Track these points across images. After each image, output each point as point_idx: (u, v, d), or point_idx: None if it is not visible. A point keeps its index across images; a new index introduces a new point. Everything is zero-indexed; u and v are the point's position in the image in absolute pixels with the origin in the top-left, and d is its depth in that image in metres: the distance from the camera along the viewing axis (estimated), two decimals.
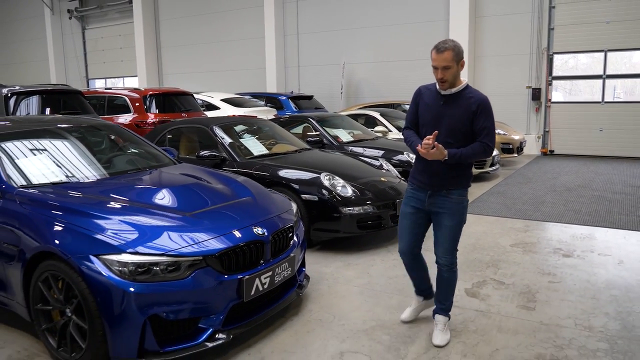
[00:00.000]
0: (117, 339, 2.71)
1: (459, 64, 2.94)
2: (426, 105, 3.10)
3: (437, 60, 2.92)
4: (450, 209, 3.05)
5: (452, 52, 2.90)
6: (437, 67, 2.93)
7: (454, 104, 2.99)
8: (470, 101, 2.97)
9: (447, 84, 2.96)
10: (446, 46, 2.91)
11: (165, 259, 2.77)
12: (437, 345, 3.07)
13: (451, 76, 2.94)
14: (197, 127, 6.09)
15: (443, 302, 3.21)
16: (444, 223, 3.06)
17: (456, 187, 3.05)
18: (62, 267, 2.81)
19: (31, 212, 3.10)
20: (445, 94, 3.01)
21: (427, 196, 3.09)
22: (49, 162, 3.74)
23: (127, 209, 3.13)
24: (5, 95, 7.58)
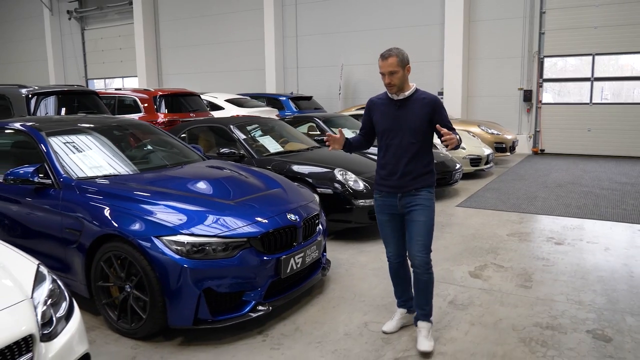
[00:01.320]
0: (175, 309, 3.14)
1: (404, 69, 3.07)
2: (382, 113, 3.19)
3: (383, 67, 3.07)
4: (421, 204, 3.13)
5: (396, 58, 3.05)
6: (384, 73, 3.07)
7: (410, 106, 3.11)
8: (424, 102, 3.11)
9: (395, 88, 3.09)
10: (390, 53, 3.06)
11: (216, 240, 3.21)
12: (423, 352, 3.08)
13: (398, 80, 3.06)
14: (215, 126, 6.52)
15: (423, 307, 3.22)
16: (417, 219, 3.12)
17: (423, 185, 3.15)
18: (126, 247, 3.23)
19: (91, 200, 3.52)
20: (399, 99, 3.13)
21: (397, 199, 3.17)
22: (99, 157, 4.16)
23: (178, 197, 3.55)
24: (26, 95, 7.94)
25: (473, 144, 9.71)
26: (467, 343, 3.23)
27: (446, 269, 4.58)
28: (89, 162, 4.07)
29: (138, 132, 4.88)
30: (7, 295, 2.17)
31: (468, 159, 9.25)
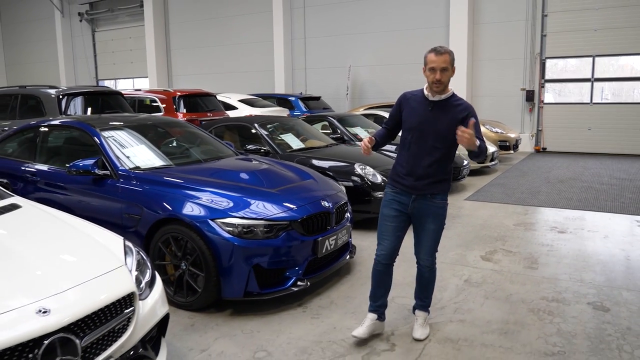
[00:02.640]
0: (228, 283, 3.60)
1: (452, 69, 3.02)
2: (412, 110, 3.12)
3: (436, 62, 2.95)
4: (434, 212, 3.13)
5: (449, 56, 2.98)
6: (436, 69, 2.95)
7: (442, 110, 3.04)
8: (458, 108, 3.04)
9: (442, 86, 3.00)
10: (445, 49, 2.99)
11: (262, 222, 3.66)
12: (416, 339, 3.21)
13: (447, 79, 2.99)
14: (241, 124, 6.98)
15: (423, 299, 3.34)
16: (428, 227, 3.14)
17: (439, 191, 3.13)
18: (184, 229, 3.68)
19: (149, 189, 3.98)
20: (433, 100, 3.06)
21: (411, 200, 3.14)
22: (146, 151, 4.62)
23: (225, 186, 4.01)
24: (57, 96, 8.41)
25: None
26: (483, 313, 3.69)
27: (460, 254, 5.03)
28: (139, 155, 4.53)
29: (178, 129, 5.34)
30: (107, 261, 2.62)
31: None
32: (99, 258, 2.64)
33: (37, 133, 5.06)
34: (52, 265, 2.45)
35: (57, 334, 2.08)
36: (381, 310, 3.36)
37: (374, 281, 3.33)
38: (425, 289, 3.32)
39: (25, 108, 8.72)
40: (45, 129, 5.05)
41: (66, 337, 2.11)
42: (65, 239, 2.82)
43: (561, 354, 3.10)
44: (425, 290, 3.33)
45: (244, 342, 3.30)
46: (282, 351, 3.18)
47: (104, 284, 2.43)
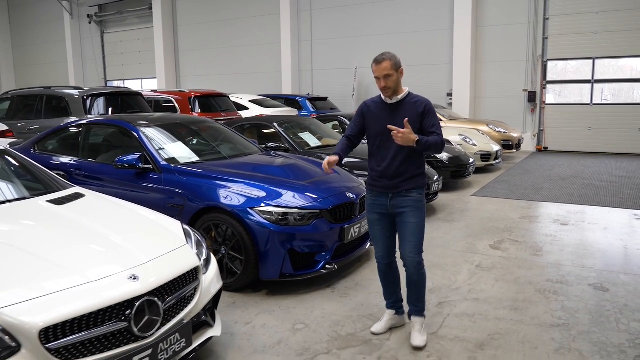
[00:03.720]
0: (266, 265, 4.00)
1: (398, 72, 3.14)
2: (374, 116, 3.24)
3: (377, 71, 3.13)
4: (412, 206, 3.20)
5: (390, 62, 3.11)
6: (379, 77, 3.13)
7: (401, 110, 3.17)
8: (416, 105, 3.18)
9: (390, 91, 3.15)
10: (384, 57, 3.14)
11: (296, 210, 4.06)
12: (415, 347, 3.19)
13: (393, 83, 3.13)
14: (261, 123, 7.38)
15: (416, 303, 3.32)
16: (408, 220, 3.20)
17: (415, 187, 3.22)
18: (224, 217, 4.09)
19: (190, 181, 4.39)
20: (391, 102, 3.20)
21: (389, 200, 3.24)
22: (182, 147, 5.03)
23: (260, 179, 4.41)
24: (82, 97, 8.81)
25: (483, 141, 10.56)
26: (495, 292, 4.09)
27: (470, 243, 5.43)
28: (176, 151, 4.94)
29: (208, 128, 5.75)
30: (172, 241, 3.03)
31: (479, 155, 10.09)
32: (164, 238, 3.05)
33: (79, 131, 5.46)
34: (129, 243, 2.85)
35: (145, 297, 2.48)
36: (398, 305, 3.48)
37: (382, 281, 3.48)
38: (416, 291, 3.29)
39: (51, 108, 9.13)
40: (88, 126, 5.46)
41: (152, 300, 2.51)
42: (132, 222, 3.23)
43: (565, 325, 3.50)
44: (417, 293, 3.30)
45: (282, 316, 3.70)
46: (317, 323, 3.58)
47: (174, 259, 2.84)
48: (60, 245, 2.71)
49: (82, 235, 2.88)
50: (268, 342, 3.32)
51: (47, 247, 2.65)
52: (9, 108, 9.73)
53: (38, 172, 3.87)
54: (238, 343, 3.32)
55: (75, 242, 2.78)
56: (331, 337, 3.38)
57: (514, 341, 3.30)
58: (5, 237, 2.72)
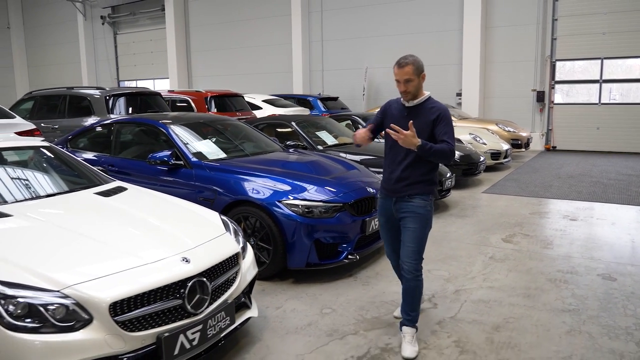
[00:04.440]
0: (293, 255, 4.26)
1: (419, 77, 3.10)
2: (392, 116, 3.24)
3: (399, 75, 3.10)
4: (414, 212, 3.15)
5: (412, 67, 3.07)
6: (400, 81, 3.10)
7: (417, 114, 3.14)
8: (431, 111, 3.13)
9: (409, 95, 3.14)
10: (407, 61, 3.09)
11: (321, 204, 4.32)
12: (405, 358, 3.12)
13: (413, 88, 3.10)
14: (279, 122, 7.65)
15: (409, 312, 3.23)
16: (408, 225, 3.16)
17: (419, 192, 3.17)
18: (254, 210, 4.36)
19: (221, 176, 4.66)
20: (408, 105, 3.19)
21: (392, 203, 3.24)
22: (210, 144, 5.30)
23: (286, 174, 4.68)
24: (105, 97, 9.12)
25: (493, 140, 10.78)
26: (508, 281, 4.34)
27: (483, 237, 5.68)
28: (205, 148, 5.21)
29: (232, 126, 6.02)
30: (213, 229, 3.30)
31: (489, 153, 10.32)
32: (206, 226, 3.33)
33: (111, 129, 5.75)
34: (176, 230, 3.14)
35: (196, 278, 2.75)
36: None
37: (397, 274, 3.55)
38: (410, 300, 3.21)
39: (74, 108, 9.43)
40: (119, 125, 5.75)
41: (201, 280, 2.78)
42: (174, 212, 3.51)
43: (576, 310, 3.75)
44: (411, 302, 3.21)
45: (310, 302, 3.97)
46: (343, 308, 3.84)
47: (218, 245, 3.11)
48: (116, 232, 2.99)
49: (133, 223, 3.16)
50: (299, 324, 3.59)
51: (105, 233, 2.93)
52: (33, 108, 10.05)
53: (81, 167, 4.15)
54: (271, 325, 3.59)
55: (128, 229, 3.06)
56: (357, 320, 3.64)
57: (528, 324, 3.55)
58: (68, 224, 3.00)
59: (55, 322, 2.35)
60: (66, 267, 2.55)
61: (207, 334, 2.77)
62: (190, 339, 2.68)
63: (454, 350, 3.21)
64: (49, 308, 2.36)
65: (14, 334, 2.28)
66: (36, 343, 2.30)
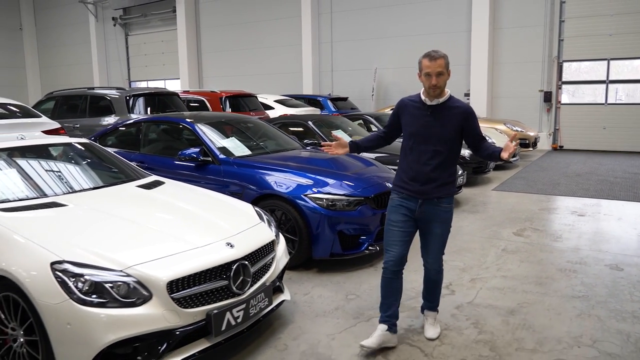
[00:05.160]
0: (318, 245, 4.53)
1: (448, 72, 3.08)
2: (412, 116, 3.16)
3: (431, 67, 3.02)
4: (442, 217, 3.15)
5: (444, 60, 3.05)
6: (431, 74, 3.02)
7: (441, 113, 3.09)
8: (457, 111, 3.09)
9: (439, 90, 3.06)
10: (439, 54, 3.06)
11: (344, 197, 4.59)
12: (430, 338, 3.30)
13: (443, 83, 3.06)
14: (296, 122, 7.93)
15: (431, 300, 3.40)
16: (435, 231, 3.16)
17: (446, 195, 3.15)
18: (280, 203, 4.63)
19: (248, 172, 4.94)
20: (431, 104, 3.11)
21: (418, 205, 3.14)
22: (234, 142, 5.58)
23: (309, 170, 4.95)
24: (125, 97, 9.42)
25: (501, 140, 11.00)
26: (521, 271, 4.59)
27: (495, 231, 5.93)
28: (230, 145, 5.49)
29: (254, 125, 6.30)
30: (250, 219, 3.57)
31: None
32: (242, 216, 3.60)
33: (139, 127, 6.04)
34: (216, 218, 3.41)
35: (240, 261, 3.03)
36: (392, 321, 3.24)
37: (383, 290, 3.24)
38: (433, 290, 3.39)
39: (95, 108, 9.74)
40: (147, 123, 6.04)
41: (244, 263, 3.06)
42: (211, 203, 3.78)
43: (585, 297, 4.00)
44: (433, 292, 3.39)
45: (335, 289, 4.23)
46: (367, 294, 4.11)
47: (255, 233, 3.39)
48: (164, 220, 3.27)
49: (177, 212, 3.44)
50: (327, 309, 3.86)
51: (154, 221, 3.22)
52: (54, 108, 10.35)
53: (119, 162, 4.43)
54: (301, 309, 3.86)
55: (174, 217, 3.35)
56: None
57: (541, 308, 3.80)
58: (119, 212, 3.28)
59: (118, 298, 2.62)
60: (125, 249, 2.83)
61: (249, 312, 3.05)
62: (235, 317, 2.95)
63: (472, 331, 3.47)
64: (113, 285, 2.63)
65: (84, 307, 2.55)
66: (102, 316, 2.57)
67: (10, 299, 2.76)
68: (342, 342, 3.34)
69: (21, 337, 2.77)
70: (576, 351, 3.18)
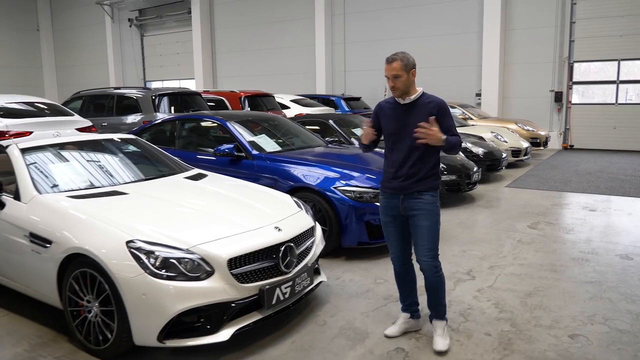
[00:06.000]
0: (346, 235, 4.88)
1: (409, 73, 3.10)
2: (388, 117, 3.23)
3: (387, 70, 3.11)
4: (424, 209, 3.16)
5: (400, 62, 3.08)
6: (388, 77, 3.11)
7: (415, 110, 3.14)
8: (430, 106, 3.14)
9: (398, 92, 3.13)
10: (395, 57, 3.11)
11: (370, 190, 4.93)
12: (438, 351, 3.17)
13: (402, 84, 3.10)
14: (317, 120, 8.28)
15: (435, 307, 3.29)
16: (420, 223, 3.16)
17: (427, 189, 3.17)
18: (312, 195, 4.98)
19: (280, 166, 5.30)
20: (404, 103, 3.17)
21: (400, 201, 3.21)
22: (265, 138, 5.94)
23: (337, 164, 5.30)
24: (151, 96, 9.81)
25: (513, 138, 11.31)
26: (536, 260, 4.92)
27: (510, 224, 6.25)
28: (261, 141, 5.86)
29: (280, 123, 6.66)
30: (290, 207, 3.93)
31: (510, 151, 10.85)
32: (283, 204, 3.96)
33: (174, 125, 6.42)
34: (262, 206, 3.77)
35: (287, 243, 3.38)
36: (414, 308, 3.44)
37: (398, 283, 3.46)
38: (435, 296, 3.27)
39: (122, 107, 10.14)
40: (182, 121, 6.42)
41: (291, 245, 3.41)
42: (254, 193, 4.14)
43: (597, 282, 4.32)
44: (436, 298, 3.27)
45: (364, 274, 4.58)
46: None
47: (298, 219, 3.75)
48: (216, 206, 3.64)
49: (225, 200, 3.82)
50: (358, 291, 4.21)
51: (208, 207, 3.58)
52: (82, 106, 10.77)
53: (164, 156, 4.80)
54: (335, 291, 4.21)
55: (224, 204, 3.72)
56: None
57: (556, 292, 4.13)
58: (175, 200, 3.65)
59: (185, 273, 2.98)
60: (188, 231, 3.19)
61: (295, 289, 3.40)
62: (283, 292, 3.30)
63: (494, 310, 3.80)
64: (181, 261, 2.99)
65: (157, 280, 2.92)
66: (170, 287, 2.93)
67: (87, 275, 3.12)
68: (376, 319, 3.68)
69: (95, 308, 3.13)
70: (589, 328, 3.50)
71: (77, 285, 3.19)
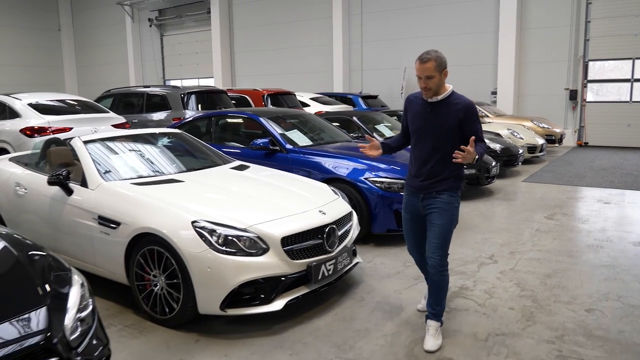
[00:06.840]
0: (377, 222, 5.25)
1: (441, 74, 3.04)
2: (415, 114, 3.22)
3: (420, 70, 3.05)
4: (440, 207, 3.14)
5: (434, 63, 3.02)
6: (421, 77, 3.05)
7: (441, 111, 3.10)
8: (457, 107, 3.08)
9: (430, 92, 3.08)
10: (429, 57, 3.04)
11: (398, 181, 5.30)
12: (427, 350, 3.14)
13: (434, 85, 3.05)
14: (342, 117, 8.67)
15: (434, 306, 3.26)
16: (433, 221, 3.16)
17: (445, 189, 3.15)
18: (343, 185, 5.36)
19: (313, 159, 5.68)
20: (431, 101, 3.12)
21: (419, 200, 3.23)
22: (298, 133, 6.33)
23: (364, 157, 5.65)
24: (180, 94, 10.25)
25: (529, 135, 11.60)
26: (554, 246, 5.26)
27: (528, 215, 6.59)
28: (294, 136, 6.25)
29: (308, 119, 7.05)
30: (329, 194, 4.30)
31: (526, 147, 11.14)
32: (323, 192, 4.34)
33: (210, 121, 6.84)
34: (305, 193, 4.16)
35: (330, 225, 3.77)
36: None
37: (420, 269, 3.63)
38: (435, 294, 3.26)
39: (151, 104, 10.60)
40: (217, 117, 6.84)
41: (333, 227, 3.80)
42: (294, 182, 4.53)
43: (611, 265, 4.66)
44: (435, 296, 3.26)
45: (393, 258, 4.96)
46: None
47: (337, 204, 4.13)
48: (265, 193, 4.04)
49: (271, 187, 4.21)
50: (389, 272, 4.58)
51: (258, 193, 3.98)
52: (112, 104, 11.25)
53: (207, 149, 5.21)
54: (368, 272, 4.59)
55: (271, 191, 4.11)
56: None
57: (573, 274, 4.47)
58: (228, 186, 4.05)
59: (244, 249, 3.37)
60: (243, 212, 3.59)
61: (337, 267, 3.79)
62: (328, 269, 3.69)
63: (516, 289, 4.16)
64: (240, 239, 3.39)
65: (220, 255, 3.31)
66: (230, 261, 3.32)
67: (154, 252, 3.53)
68: (409, 296, 4.06)
69: (161, 282, 3.54)
70: (604, 304, 3.85)
71: (144, 262, 3.60)
